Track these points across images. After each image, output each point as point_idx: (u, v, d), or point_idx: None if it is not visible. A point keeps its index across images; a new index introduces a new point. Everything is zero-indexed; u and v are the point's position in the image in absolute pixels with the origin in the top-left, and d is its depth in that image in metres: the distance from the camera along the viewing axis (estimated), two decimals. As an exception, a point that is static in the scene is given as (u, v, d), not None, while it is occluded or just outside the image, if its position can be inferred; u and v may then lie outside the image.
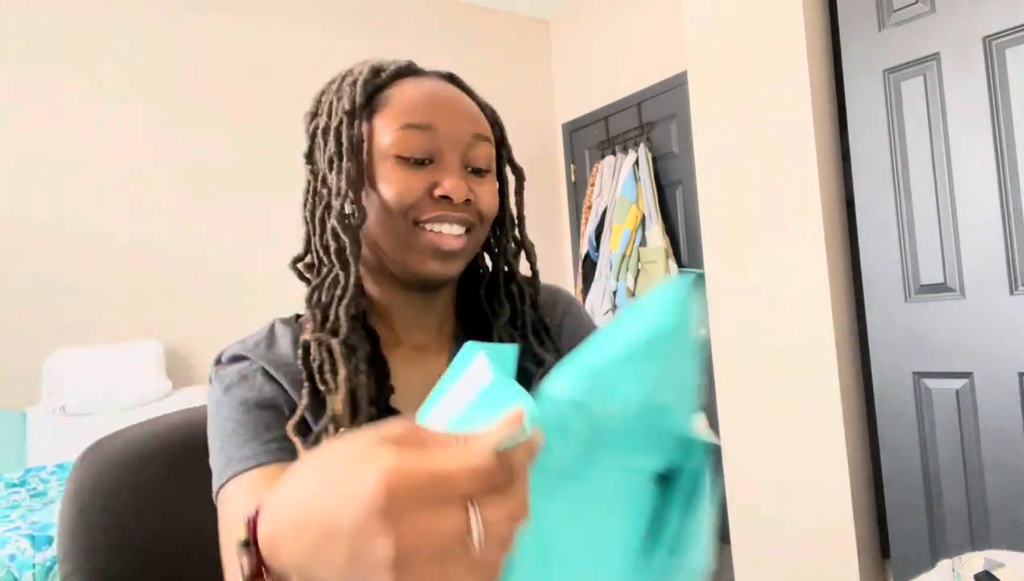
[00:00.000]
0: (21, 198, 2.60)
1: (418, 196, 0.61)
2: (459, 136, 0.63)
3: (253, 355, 0.64)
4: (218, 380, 0.65)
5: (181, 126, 2.91)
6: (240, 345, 0.67)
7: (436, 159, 0.62)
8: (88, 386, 2.39)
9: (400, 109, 0.63)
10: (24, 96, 2.63)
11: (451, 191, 0.61)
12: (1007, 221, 1.66)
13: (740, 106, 2.19)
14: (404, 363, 0.69)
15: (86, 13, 2.75)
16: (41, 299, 2.60)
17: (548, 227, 3.92)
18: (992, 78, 1.68)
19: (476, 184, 0.65)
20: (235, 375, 0.64)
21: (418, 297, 0.68)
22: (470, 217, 0.63)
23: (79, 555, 0.72)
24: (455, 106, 0.65)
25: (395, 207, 0.61)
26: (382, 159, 0.62)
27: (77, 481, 0.75)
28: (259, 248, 2.98)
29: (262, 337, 0.68)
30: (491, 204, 0.66)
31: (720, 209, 2.28)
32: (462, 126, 0.64)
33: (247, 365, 0.64)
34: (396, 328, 0.70)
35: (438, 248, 0.61)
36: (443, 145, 0.62)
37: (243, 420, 0.60)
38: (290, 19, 3.20)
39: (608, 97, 3.62)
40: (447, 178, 0.61)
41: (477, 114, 0.67)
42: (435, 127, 0.62)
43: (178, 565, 0.77)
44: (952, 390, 1.77)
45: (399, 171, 0.61)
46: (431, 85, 0.65)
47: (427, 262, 0.62)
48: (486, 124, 0.68)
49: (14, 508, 1.83)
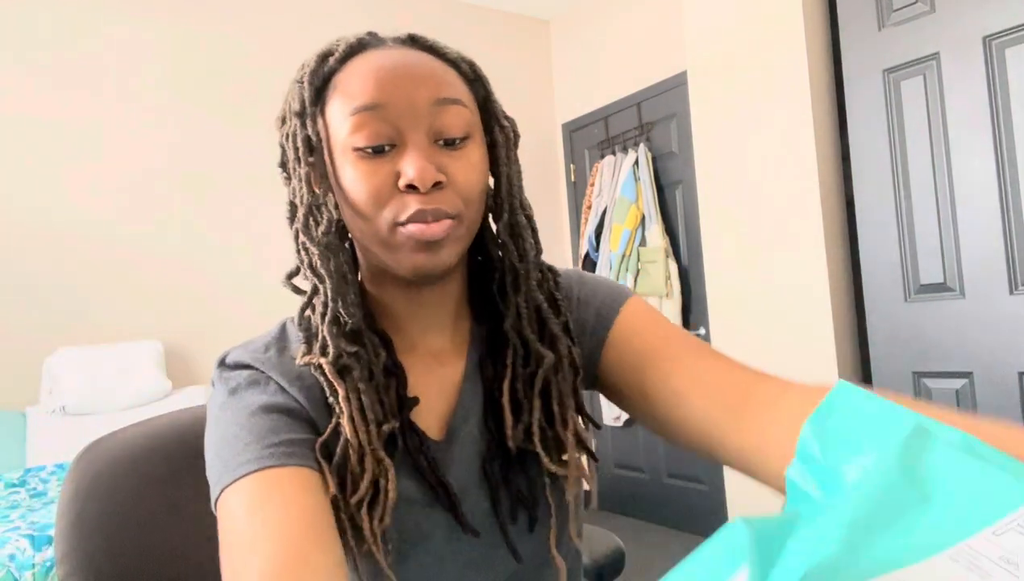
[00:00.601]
0: (21, 198, 2.60)
1: (386, 193, 0.53)
2: (417, 107, 0.53)
3: (266, 366, 0.58)
4: (222, 382, 0.58)
5: (182, 126, 2.92)
6: (247, 350, 0.59)
7: (397, 142, 0.53)
8: (88, 386, 2.39)
9: (347, 94, 0.54)
10: (24, 96, 2.63)
11: (414, 178, 0.51)
12: (1007, 221, 1.66)
13: (740, 106, 2.19)
14: (422, 371, 0.62)
15: (89, 13, 2.75)
16: (41, 299, 2.60)
17: (548, 227, 3.92)
18: (992, 78, 1.68)
19: (450, 159, 0.54)
20: (244, 379, 0.57)
21: (423, 294, 0.61)
22: (445, 207, 0.53)
23: (78, 555, 0.72)
24: (410, 72, 0.54)
25: (364, 209, 0.54)
26: (342, 155, 0.54)
27: (75, 481, 0.75)
28: (260, 248, 2.98)
29: (272, 340, 0.61)
30: (471, 179, 0.55)
31: (720, 209, 2.28)
32: (419, 94, 0.53)
33: (255, 373, 0.58)
34: (407, 331, 0.62)
35: (420, 240, 0.53)
36: (400, 123, 0.53)
37: (247, 424, 0.54)
38: (291, 18, 3.20)
39: (608, 97, 3.62)
40: (408, 162, 0.52)
41: (441, 75, 0.55)
42: (386, 104, 0.53)
43: (177, 565, 0.77)
44: (952, 390, 1.77)
45: (361, 165, 0.53)
46: (381, 56, 0.55)
47: (413, 257, 0.54)
48: (456, 83, 0.57)
49: (14, 508, 1.83)
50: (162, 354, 2.64)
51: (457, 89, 0.56)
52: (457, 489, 0.58)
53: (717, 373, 0.59)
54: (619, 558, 0.91)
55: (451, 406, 0.62)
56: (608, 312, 0.67)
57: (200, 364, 2.86)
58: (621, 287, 0.71)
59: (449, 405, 0.62)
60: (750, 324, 2.20)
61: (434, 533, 0.57)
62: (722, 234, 2.27)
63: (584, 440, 0.61)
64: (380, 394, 0.56)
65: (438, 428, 0.61)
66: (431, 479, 0.57)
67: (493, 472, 0.59)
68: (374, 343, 0.58)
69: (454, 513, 0.57)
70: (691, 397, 0.58)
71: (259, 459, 0.51)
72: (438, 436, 0.60)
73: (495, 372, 0.62)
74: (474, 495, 0.59)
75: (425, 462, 0.57)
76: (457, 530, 0.58)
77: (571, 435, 0.60)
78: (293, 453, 0.52)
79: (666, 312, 3.12)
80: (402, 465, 0.57)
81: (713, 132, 2.28)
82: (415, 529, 0.56)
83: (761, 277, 2.16)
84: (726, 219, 2.26)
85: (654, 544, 3.09)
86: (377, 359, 0.57)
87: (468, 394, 0.62)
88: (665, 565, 2.84)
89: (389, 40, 0.58)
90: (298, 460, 0.52)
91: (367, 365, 0.56)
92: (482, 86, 0.60)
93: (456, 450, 0.60)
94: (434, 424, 0.61)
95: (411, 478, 0.57)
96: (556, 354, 0.61)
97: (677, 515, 3.26)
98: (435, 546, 0.57)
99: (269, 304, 2.71)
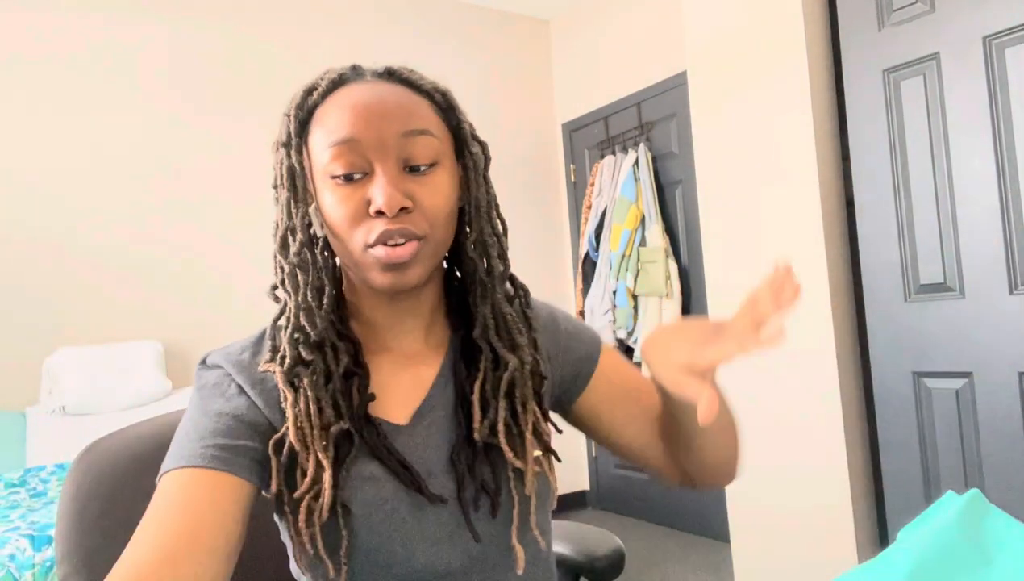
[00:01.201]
0: (21, 198, 2.60)
1: (359, 216, 0.60)
2: (385, 140, 0.60)
3: (234, 368, 0.65)
4: (196, 379, 0.66)
5: (182, 126, 2.92)
6: (225, 352, 0.67)
7: (369, 170, 0.60)
8: (88, 386, 2.39)
9: (326, 128, 0.61)
10: (24, 98, 2.63)
11: (382, 204, 0.58)
12: (1007, 221, 1.66)
13: (740, 106, 2.19)
14: (395, 369, 0.68)
15: (90, 14, 2.75)
16: (41, 299, 2.60)
17: (548, 227, 3.92)
18: (992, 78, 1.68)
19: (417, 185, 0.61)
20: (211, 380, 0.65)
21: (398, 302, 0.67)
22: (412, 228, 0.60)
23: (78, 555, 0.72)
24: (382, 107, 0.61)
25: (339, 231, 0.61)
26: (322, 181, 0.61)
27: (75, 482, 0.75)
28: (260, 248, 2.98)
29: (249, 344, 0.68)
30: (437, 203, 0.62)
31: (720, 209, 2.28)
32: (388, 129, 0.60)
33: (223, 374, 0.65)
34: (383, 335, 0.69)
35: (386, 262, 0.60)
36: (370, 154, 0.60)
37: (198, 423, 0.61)
38: (289, 20, 3.20)
39: (608, 97, 3.62)
40: (376, 189, 0.59)
41: (411, 108, 0.62)
42: (358, 138, 0.59)
43: (177, 565, 0.77)
44: (952, 390, 1.77)
45: (337, 191, 0.60)
46: (356, 93, 0.62)
47: (380, 276, 0.61)
48: (426, 114, 0.63)
49: (14, 508, 1.83)
50: (162, 354, 2.64)
51: (426, 120, 0.63)
52: (424, 471, 0.64)
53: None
54: (619, 558, 0.91)
55: (421, 398, 0.68)
56: (594, 354, 0.78)
57: (200, 364, 2.86)
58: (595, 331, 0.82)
59: (420, 397, 0.68)
60: (750, 324, 2.20)
61: (399, 508, 0.62)
62: (722, 234, 2.27)
63: (545, 439, 0.68)
64: (336, 397, 0.62)
65: (405, 416, 0.67)
66: (391, 464, 0.63)
67: (459, 461, 0.65)
68: (337, 350, 0.64)
69: (416, 488, 0.62)
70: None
71: (190, 457, 0.58)
72: (404, 421, 0.67)
73: (468, 374, 0.68)
74: (441, 479, 0.65)
75: (385, 450, 0.63)
76: (424, 507, 0.63)
77: (529, 433, 0.66)
78: (222, 459, 0.58)
79: (666, 312, 3.12)
80: (367, 450, 0.63)
81: (713, 132, 2.28)
82: (383, 505, 0.62)
83: (761, 277, 2.16)
84: (726, 219, 2.26)
85: (654, 544, 3.09)
86: (338, 365, 0.63)
87: (439, 388, 0.69)
88: (665, 565, 2.84)
89: (368, 74, 0.65)
90: (222, 465, 0.58)
91: (323, 372, 0.63)
92: (454, 114, 0.66)
93: (421, 433, 0.66)
94: (402, 413, 0.67)
95: (376, 461, 0.63)
96: (519, 361, 0.67)
97: (677, 515, 3.26)
98: (402, 522, 0.62)
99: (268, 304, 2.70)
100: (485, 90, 3.75)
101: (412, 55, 3.51)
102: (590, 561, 0.90)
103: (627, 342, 3.31)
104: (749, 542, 2.25)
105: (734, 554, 2.31)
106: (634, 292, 3.20)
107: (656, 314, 3.15)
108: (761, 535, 2.21)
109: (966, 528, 0.40)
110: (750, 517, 2.24)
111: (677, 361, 0.55)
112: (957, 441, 1.77)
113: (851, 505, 1.97)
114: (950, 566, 0.38)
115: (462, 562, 0.64)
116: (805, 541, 2.09)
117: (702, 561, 2.85)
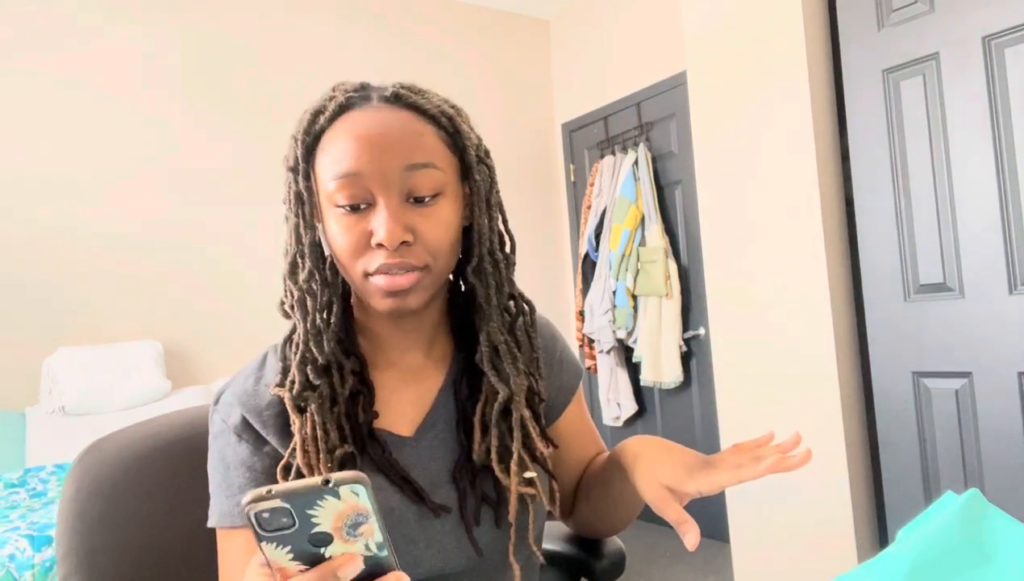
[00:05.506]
0: (21, 198, 2.60)
1: (361, 246, 0.61)
2: (389, 175, 0.60)
3: (241, 398, 0.66)
4: (211, 422, 0.69)
5: (182, 126, 2.91)
6: (233, 385, 0.69)
7: (372, 202, 0.61)
8: (88, 386, 2.39)
9: (331, 157, 0.61)
10: (23, 97, 2.63)
11: (383, 239, 0.59)
12: (1006, 221, 1.66)
13: (740, 106, 2.19)
14: (399, 384, 0.71)
15: (90, 15, 2.75)
16: (41, 299, 2.60)
17: (548, 227, 3.93)
18: (991, 78, 1.68)
19: (420, 217, 0.61)
20: (217, 426, 0.68)
21: (402, 322, 0.69)
22: (412, 261, 0.61)
23: (78, 555, 0.72)
24: (385, 142, 0.60)
25: (342, 258, 0.62)
26: (328, 207, 0.62)
27: (75, 482, 0.75)
28: (259, 249, 2.98)
29: (251, 371, 0.69)
30: (439, 235, 0.62)
31: (720, 209, 2.28)
32: (391, 163, 0.60)
33: (236, 420, 0.66)
34: (387, 351, 0.71)
35: (387, 290, 0.61)
36: (373, 187, 0.60)
37: (224, 475, 0.65)
38: (291, 19, 3.20)
39: (608, 97, 3.62)
40: (378, 223, 0.60)
41: (414, 140, 0.61)
42: (362, 172, 0.60)
43: (177, 565, 0.77)
44: (952, 390, 1.77)
45: (342, 220, 0.61)
46: (361, 123, 0.61)
47: (382, 302, 0.62)
48: (430, 145, 0.62)
49: (14, 508, 1.83)
50: (162, 354, 2.64)
51: (430, 152, 0.62)
52: (428, 483, 0.67)
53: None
54: (620, 558, 0.91)
55: (425, 412, 0.70)
56: (574, 387, 0.82)
57: (199, 364, 2.86)
58: (579, 363, 0.86)
59: (423, 410, 0.70)
60: (749, 324, 2.20)
61: (407, 516, 0.64)
62: (722, 234, 2.27)
63: (541, 459, 0.70)
64: (341, 421, 0.64)
65: (410, 429, 0.69)
66: (395, 479, 0.65)
67: (460, 478, 0.67)
68: (343, 370, 0.66)
69: (420, 499, 0.65)
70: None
71: (231, 516, 0.64)
72: (409, 433, 0.69)
73: (468, 394, 0.71)
74: (445, 489, 0.67)
75: (388, 465, 0.65)
76: (428, 517, 0.65)
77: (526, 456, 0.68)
78: None
79: (666, 312, 3.12)
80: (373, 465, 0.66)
81: (713, 132, 2.28)
82: (390, 514, 0.64)
83: (761, 277, 2.16)
84: (726, 219, 2.26)
85: (654, 544, 3.09)
86: (344, 386, 0.65)
87: (442, 403, 0.71)
88: (665, 565, 2.84)
89: (375, 97, 0.64)
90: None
91: (329, 396, 0.64)
92: (460, 139, 0.65)
93: (425, 445, 0.69)
94: (407, 425, 0.69)
95: (381, 474, 0.66)
96: (510, 391, 0.67)
97: (677, 515, 3.25)
98: (408, 530, 0.64)
99: (268, 305, 2.71)
100: (485, 90, 3.75)
101: (412, 55, 3.51)
102: (591, 561, 0.90)
103: (627, 342, 3.31)
104: (749, 542, 2.25)
105: (734, 554, 2.31)
106: (634, 292, 3.20)
107: (656, 314, 3.15)
108: (761, 535, 2.21)
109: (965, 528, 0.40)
110: (750, 517, 2.24)
111: (662, 480, 0.61)
112: (956, 441, 1.77)
113: (851, 505, 1.97)
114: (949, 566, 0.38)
115: (466, 566, 0.67)
116: (805, 541, 2.09)
117: (702, 561, 2.85)
